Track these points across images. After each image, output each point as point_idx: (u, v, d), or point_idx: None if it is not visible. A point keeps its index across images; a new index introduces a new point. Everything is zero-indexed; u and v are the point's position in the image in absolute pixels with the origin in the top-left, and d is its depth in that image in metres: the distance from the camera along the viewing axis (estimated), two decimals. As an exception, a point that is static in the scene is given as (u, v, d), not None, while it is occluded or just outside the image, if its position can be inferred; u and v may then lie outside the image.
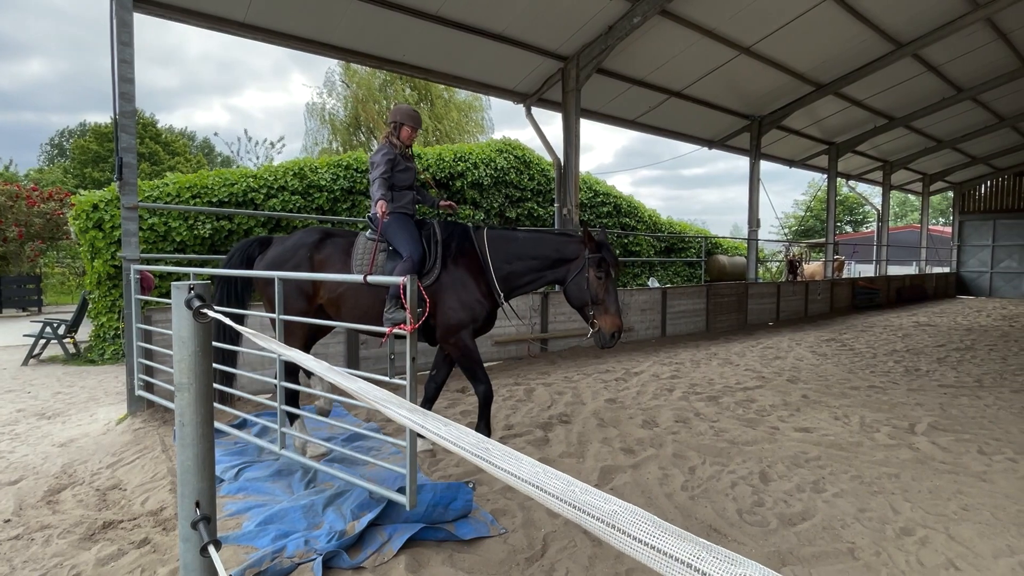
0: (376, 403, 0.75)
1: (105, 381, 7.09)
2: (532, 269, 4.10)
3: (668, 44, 9.06)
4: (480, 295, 4.02)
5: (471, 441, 0.58)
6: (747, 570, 0.36)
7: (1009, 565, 2.70)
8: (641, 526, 0.42)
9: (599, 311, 3.87)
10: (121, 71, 4.95)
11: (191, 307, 1.69)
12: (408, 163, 4.22)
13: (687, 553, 0.38)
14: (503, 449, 0.55)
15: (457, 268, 4.02)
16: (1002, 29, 10.66)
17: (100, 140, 31.23)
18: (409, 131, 4.19)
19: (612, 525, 0.43)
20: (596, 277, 3.87)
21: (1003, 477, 3.76)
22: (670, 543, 0.39)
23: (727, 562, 0.37)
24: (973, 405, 5.61)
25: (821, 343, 9.77)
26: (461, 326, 3.97)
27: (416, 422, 0.66)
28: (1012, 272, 21.86)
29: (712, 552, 0.39)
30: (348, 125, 24.79)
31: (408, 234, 4.01)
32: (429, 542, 2.87)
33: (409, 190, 4.22)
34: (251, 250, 4.29)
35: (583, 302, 3.96)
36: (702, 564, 0.37)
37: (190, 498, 1.83)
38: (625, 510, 0.44)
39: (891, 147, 17.08)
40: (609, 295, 3.87)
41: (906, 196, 38.30)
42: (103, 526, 3.04)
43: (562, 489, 0.47)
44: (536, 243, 4.13)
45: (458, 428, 0.61)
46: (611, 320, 3.84)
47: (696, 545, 0.39)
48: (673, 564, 0.38)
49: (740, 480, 3.69)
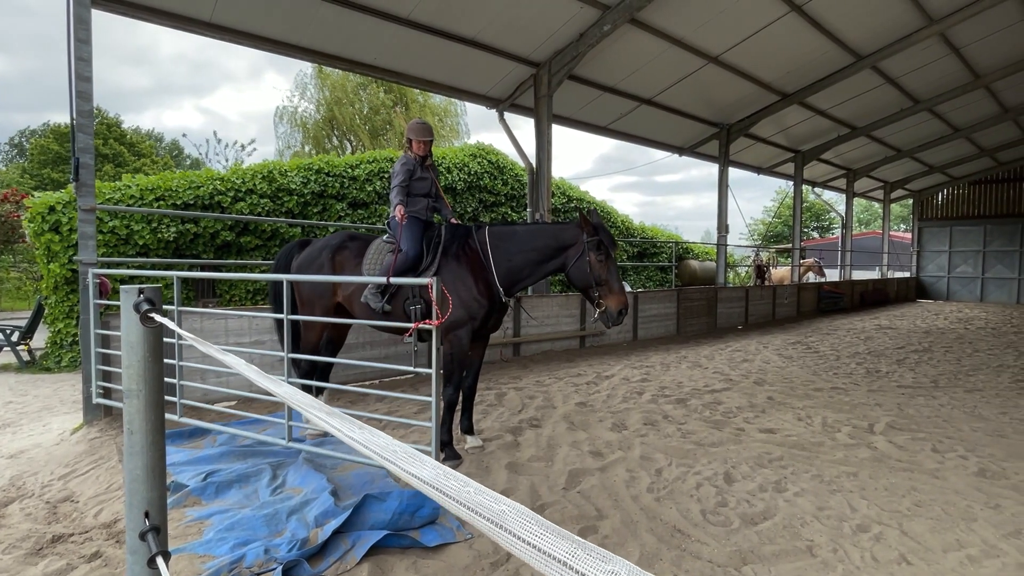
0: (299, 406, 0.75)
1: (61, 390, 6.83)
2: (532, 262, 4.19)
3: (638, 52, 9.21)
4: (478, 293, 4.11)
5: (381, 444, 0.58)
6: (616, 567, 0.36)
7: (957, 559, 2.80)
8: (525, 526, 0.42)
9: (604, 291, 3.99)
10: (78, 69, 4.81)
11: (139, 311, 1.65)
12: (425, 173, 4.50)
13: (564, 551, 0.39)
14: (409, 452, 0.56)
15: (456, 266, 4.16)
16: (955, 44, 11.13)
17: (60, 140, 30.20)
18: (419, 144, 4.47)
19: (500, 525, 0.43)
20: (597, 259, 3.98)
21: (954, 474, 3.90)
22: (549, 542, 0.40)
23: (599, 559, 0.38)
24: (928, 405, 5.82)
25: (787, 346, 10.01)
26: (458, 324, 4.06)
27: (333, 425, 0.66)
28: (967, 277, 22.76)
29: (587, 550, 0.39)
30: (321, 128, 24.51)
31: (411, 234, 4.28)
32: (394, 549, 2.84)
33: (425, 198, 4.52)
34: (291, 251, 4.82)
35: (587, 284, 4.06)
36: (576, 562, 0.38)
37: (139, 508, 1.77)
38: (513, 510, 0.45)
39: (854, 155, 17.65)
40: (611, 274, 3.99)
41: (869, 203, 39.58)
42: (52, 540, 2.93)
43: (457, 490, 0.47)
44: (534, 235, 4.23)
45: (372, 432, 0.62)
46: (616, 298, 3.98)
47: (573, 543, 0.40)
48: (551, 562, 0.39)
49: (705, 481, 3.74)
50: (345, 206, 10.83)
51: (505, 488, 3.61)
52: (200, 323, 5.57)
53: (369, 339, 6.60)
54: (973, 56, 11.81)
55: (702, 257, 18.98)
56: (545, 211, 8.91)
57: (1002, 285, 21.95)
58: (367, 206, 11.20)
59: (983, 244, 22.27)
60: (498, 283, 4.15)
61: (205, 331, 5.58)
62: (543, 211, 8.91)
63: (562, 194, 15.04)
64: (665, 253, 17.68)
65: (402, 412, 5.36)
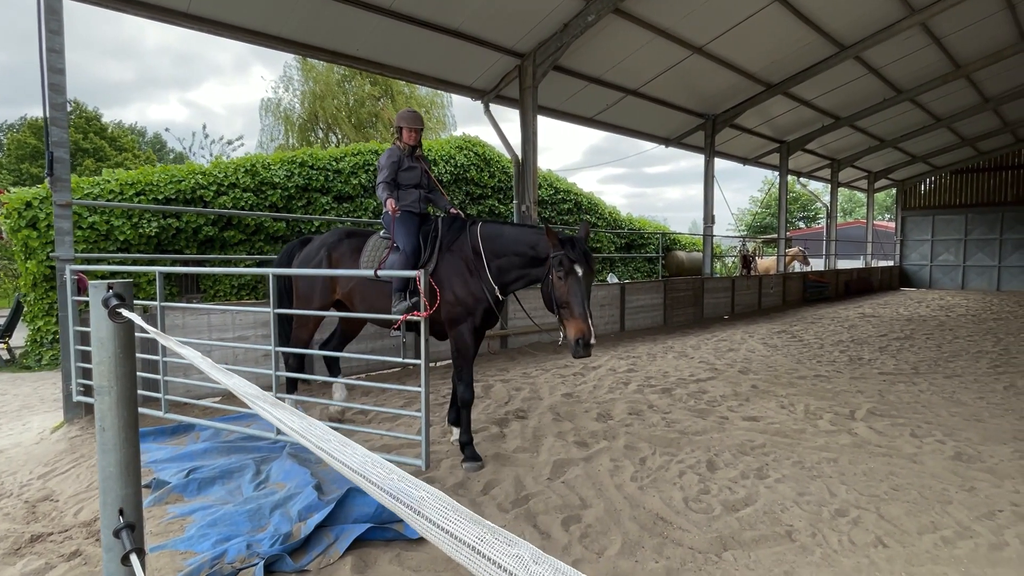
0: (246, 397, 0.75)
1: (41, 388, 6.74)
2: (515, 266, 3.96)
3: (623, 43, 9.19)
4: (473, 290, 3.98)
5: (317, 433, 0.58)
6: (521, 551, 0.37)
7: (932, 540, 2.86)
8: (440, 511, 0.42)
9: (564, 315, 3.55)
10: (51, 61, 4.70)
11: (107, 306, 1.62)
12: (414, 163, 4.36)
13: (473, 536, 0.39)
14: (342, 440, 0.56)
15: (453, 262, 4.04)
16: (936, 34, 11.23)
17: (37, 134, 29.54)
18: (408, 132, 4.33)
19: (417, 511, 0.43)
20: (558, 277, 3.58)
21: (931, 458, 3.98)
22: (461, 527, 0.40)
23: (505, 543, 0.38)
24: (908, 391, 5.91)
25: (772, 335, 10.11)
26: (458, 320, 3.98)
27: (275, 415, 0.66)
28: (949, 265, 23.12)
29: (495, 534, 0.40)
30: (306, 121, 24.23)
31: (405, 229, 4.15)
32: (377, 542, 2.84)
33: (416, 188, 4.36)
34: (293, 249, 4.89)
35: (552, 305, 3.67)
36: (484, 547, 0.38)
37: (112, 505, 1.76)
38: (431, 496, 0.45)
39: (838, 146, 17.80)
40: (573, 296, 3.51)
41: (853, 193, 39.98)
42: (31, 539, 2.89)
43: (382, 478, 0.47)
44: (516, 239, 3.96)
45: (310, 422, 0.62)
46: (574, 325, 3.48)
47: (483, 528, 0.40)
48: (461, 547, 0.39)
49: (688, 469, 3.78)
50: (330, 200, 10.73)
51: (490, 479, 3.63)
52: (183, 318, 5.51)
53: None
54: (954, 46, 11.93)
55: (689, 248, 19.09)
56: (531, 203, 8.90)
57: (982, 273, 22.33)
58: (352, 199, 11.11)
59: (964, 233, 22.62)
60: (492, 281, 3.97)
61: (188, 327, 5.52)
62: (529, 203, 8.90)
63: (549, 186, 15.02)
64: (652, 244, 17.75)
65: (390, 404, 5.36)
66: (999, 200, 21.90)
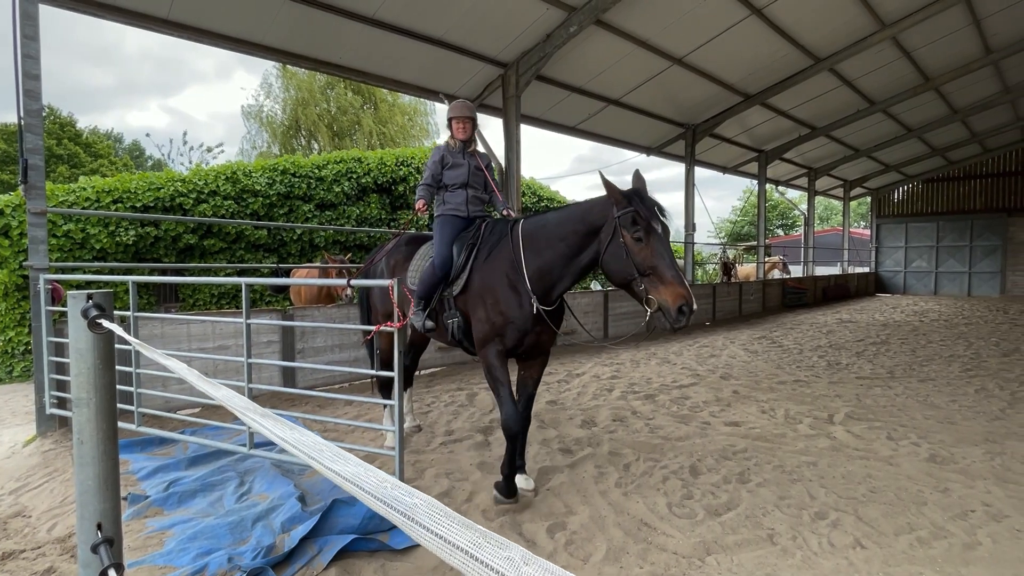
0: (236, 410, 0.75)
1: (12, 400, 6.55)
2: (562, 256, 3.26)
3: (605, 53, 9.32)
4: (505, 307, 3.35)
5: (308, 444, 0.59)
6: (512, 553, 0.38)
7: (908, 541, 2.92)
8: (434, 517, 0.44)
9: (651, 282, 2.88)
10: (26, 67, 4.62)
11: (87, 317, 1.60)
12: (462, 160, 3.87)
13: (466, 540, 0.41)
14: (335, 451, 0.57)
15: (488, 274, 3.48)
16: (906, 47, 11.59)
17: (9, 140, 28.89)
18: (458, 125, 3.87)
19: (411, 518, 0.45)
20: (634, 239, 2.91)
21: (907, 460, 4.07)
22: (455, 532, 0.42)
23: (497, 547, 0.40)
24: (885, 395, 6.04)
25: (753, 341, 10.26)
26: (484, 341, 3.44)
27: (265, 426, 0.67)
28: (922, 271, 23.72)
29: (487, 539, 0.41)
30: (288, 128, 24.07)
31: (439, 236, 3.75)
32: (362, 553, 2.82)
33: (463, 189, 3.85)
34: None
35: (626, 276, 3.00)
36: (477, 551, 0.40)
37: (90, 520, 1.73)
38: (424, 503, 0.46)
39: (815, 155, 18.20)
40: (659, 258, 2.87)
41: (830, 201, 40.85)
42: (2, 557, 2.81)
43: (376, 486, 0.48)
44: (561, 222, 3.32)
45: (302, 432, 0.63)
46: (672, 291, 2.81)
47: (476, 533, 0.42)
48: (455, 551, 0.41)
49: (671, 474, 3.82)
50: (312, 207, 10.66)
51: (473, 488, 3.62)
52: (161, 329, 5.42)
53: (338, 342, 6.52)
54: (923, 59, 12.31)
55: (671, 255, 19.27)
56: (515, 211, 8.94)
57: (954, 279, 22.94)
58: (335, 207, 11.05)
59: (936, 240, 23.23)
60: (530, 289, 3.29)
61: (166, 337, 5.43)
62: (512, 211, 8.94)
63: (532, 193, 15.11)
64: (635, 251, 17.88)
65: (370, 416, 5.32)
66: (968, 208, 22.56)
